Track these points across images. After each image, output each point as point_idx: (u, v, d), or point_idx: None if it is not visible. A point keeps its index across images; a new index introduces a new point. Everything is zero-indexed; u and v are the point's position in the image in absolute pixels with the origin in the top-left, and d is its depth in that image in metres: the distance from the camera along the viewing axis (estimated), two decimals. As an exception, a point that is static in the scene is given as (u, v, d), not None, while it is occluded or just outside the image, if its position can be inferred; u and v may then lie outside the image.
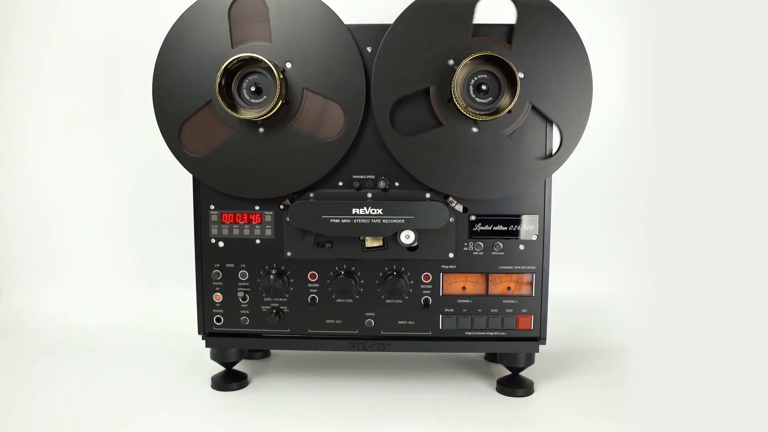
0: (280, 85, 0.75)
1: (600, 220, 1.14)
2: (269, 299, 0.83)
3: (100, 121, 1.17)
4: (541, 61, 0.76)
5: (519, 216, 0.81)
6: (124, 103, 1.16)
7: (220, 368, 0.89)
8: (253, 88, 0.77)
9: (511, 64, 0.73)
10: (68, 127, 1.18)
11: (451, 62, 0.76)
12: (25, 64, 1.18)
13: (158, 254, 1.18)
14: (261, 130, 0.78)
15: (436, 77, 0.77)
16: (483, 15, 0.77)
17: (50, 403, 0.83)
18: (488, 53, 0.74)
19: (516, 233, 0.81)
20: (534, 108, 0.77)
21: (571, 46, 0.76)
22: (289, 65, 0.77)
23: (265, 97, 0.77)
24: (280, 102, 0.76)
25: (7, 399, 0.85)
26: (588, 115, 0.77)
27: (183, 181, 0.97)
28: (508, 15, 0.77)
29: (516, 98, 0.74)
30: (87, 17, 1.15)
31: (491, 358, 0.98)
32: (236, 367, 0.90)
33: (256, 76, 0.77)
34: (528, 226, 0.81)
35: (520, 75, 0.75)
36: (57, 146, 1.18)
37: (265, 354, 1.00)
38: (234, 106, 0.77)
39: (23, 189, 1.20)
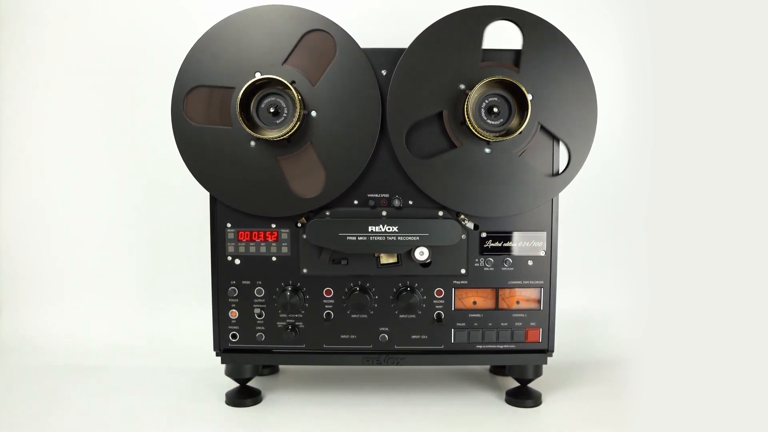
0: (300, 108, 0.77)
1: (600, 235, 1.18)
2: (285, 315, 0.85)
3: (107, 138, 1.17)
4: (548, 82, 0.80)
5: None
6: (132, 120, 1.17)
7: (233, 385, 0.90)
8: (271, 110, 0.79)
9: (521, 86, 0.77)
10: (74, 142, 1.18)
11: (462, 87, 0.80)
12: (30, 80, 1.17)
13: (166, 272, 1.18)
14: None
15: (449, 101, 0.80)
16: (491, 40, 0.81)
17: (63, 422, 0.84)
18: (500, 77, 0.77)
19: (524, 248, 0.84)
20: (543, 128, 0.81)
21: (575, 67, 0.80)
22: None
23: (284, 117, 0.79)
24: (298, 124, 0.78)
25: (14, 419, 0.85)
26: (594, 132, 0.81)
27: (192, 198, 0.99)
28: (515, 40, 0.81)
29: (527, 119, 0.77)
30: (95, 25, 1.16)
31: (497, 370, 1.01)
32: (249, 384, 0.91)
33: (275, 98, 0.79)
34: (527, 243, 0.84)
35: (530, 96, 0.79)
36: (62, 162, 1.18)
37: (273, 370, 1.02)
38: (252, 126, 0.79)
39: (27, 204, 1.19)
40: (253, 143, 0.80)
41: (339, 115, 0.80)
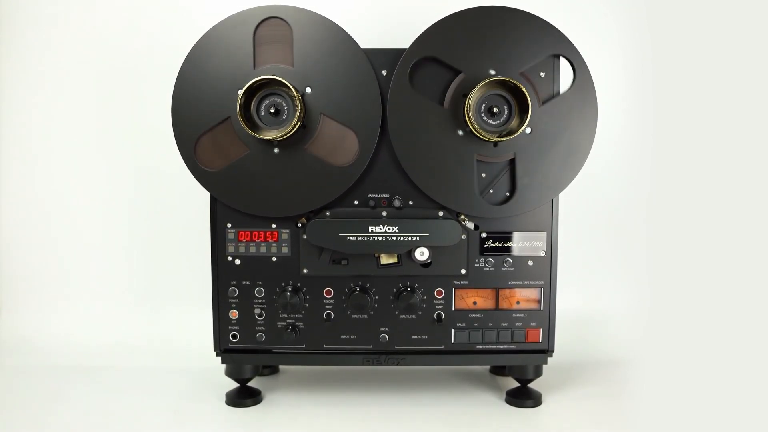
0: (300, 108, 0.77)
1: (600, 235, 1.18)
2: (285, 316, 0.85)
3: (107, 138, 1.17)
4: (552, 133, 0.80)
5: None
6: (133, 120, 1.17)
7: (233, 385, 0.90)
8: (272, 110, 0.79)
9: (521, 86, 0.77)
10: (74, 142, 1.18)
11: (492, 71, 0.79)
12: (30, 80, 1.17)
13: (166, 272, 1.18)
14: (276, 150, 0.80)
15: (471, 70, 0.80)
16: None
17: (63, 422, 0.84)
18: (501, 77, 0.77)
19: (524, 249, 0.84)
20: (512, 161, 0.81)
21: (586, 126, 0.81)
22: (309, 90, 0.80)
23: (283, 118, 0.79)
24: (298, 125, 0.78)
25: (14, 419, 0.85)
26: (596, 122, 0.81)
27: (192, 198, 0.99)
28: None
29: (528, 118, 0.77)
30: (95, 25, 1.16)
31: (497, 371, 1.01)
32: (249, 384, 0.91)
33: (275, 98, 0.79)
34: (528, 243, 0.84)
35: (527, 130, 0.79)
36: (63, 162, 1.18)
37: (273, 370, 1.02)
38: (253, 126, 0.79)
39: (27, 204, 1.19)
40: (276, 150, 0.80)
41: (339, 116, 0.80)
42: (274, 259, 0.84)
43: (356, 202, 0.83)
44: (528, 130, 0.80)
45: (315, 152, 0.81)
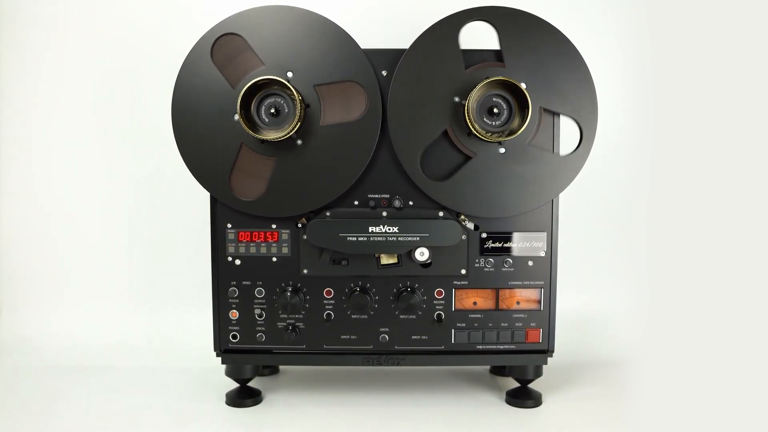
0: (300, 108, 0.77)
1: (600, 235, 1.18)
2: (285, 316, 0.85)
3: (107, 138, 1.17)
4: (536, 67, 0.80)
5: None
6: (133, 121, 1.16)
7: (233, 385, 0.90)
8: (272, 110, 0.79)
9: (515, 82, 0.77)
10: (74, 142, 1.18)
11: (457, 99, 0.80)
12: (30, 80, 1.17)
13: (166, 272, 1.18)
14: (299, 142, 0.80)
15: (450, 116, 0.80)
16: (467, 40, 0.81)
17: (63, 422, 0.84)
18: (497, 78, 0.77)
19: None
20: (546, 110, 0.81)
21: (557, 43, 0.80)
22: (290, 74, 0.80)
23: (284, 117, 0.79)
24: (299, 124, 0.78)
25: (14, 419, 0.85)
26: (595, 101, 0.81)
27: (192, 199, 0.99)
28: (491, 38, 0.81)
29: (529, 115, 0.77)
30: (95, 25, 1.16)
31: (497, 371, 1.01)
32: (249, 384, 0.91)
33: (275, 98, 0.79)
34: (528, 244, 0.84)
35: (523, 85, 0.78)
36: (63, 162, 1.18)
37: (273, 371, 1.02)
38: (253, 126, 0.79)
39: (27, 204, 1.19)
40: (236, 117, 0.79)
41: (339, 116, 0.80)
42: (275, 259, 0.84)
43: (356, 203, 0.83)
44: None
45: (333, 121, 0.80)
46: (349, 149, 0.80)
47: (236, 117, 0.79)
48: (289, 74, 0.80)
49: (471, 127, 0.78)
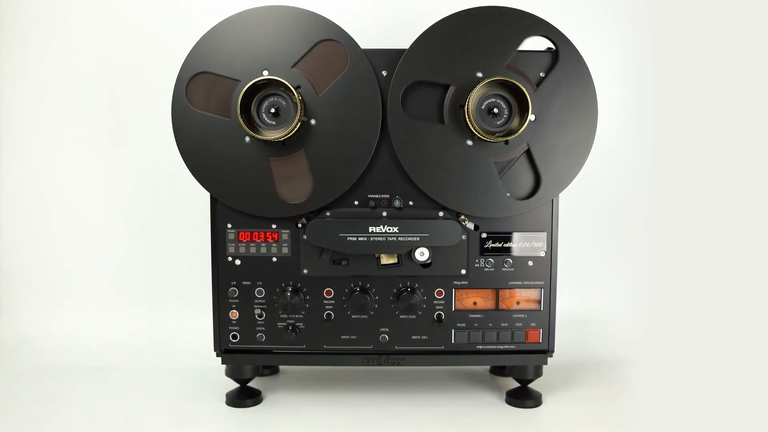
0: (300, 108, 0.77)
1: (600, 235, 1.18)
2: (285, 316, 0.85)
3: (107, 138, 1.17)
4: (556, 114, 0.80)
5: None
6: (133, 121, 1.17)
7: (233, 385, 0.90)
8: (272, 110, 0.79)
9: (522, 87, 0.77)
10: (74, 142, 1.18)
11: (479, 75, 0.79)
12: (30, 80, 1.17)
13: (166, 272, 1.18)
14: (313, 122, 0.80)
15: (460, 80, 0.80)
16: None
17: (63, 422, 0.84)
18: (500, 78, 0.77)
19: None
20: (527, 152, 0.81)
21: (587, 106, 0.80)
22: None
23: (284, 118, 0.79)
24: (299, 124, 0.78)
25: (15, 420, 0.85)
26: (573, 177, 0.82)
27: (192, 198, 0.99)
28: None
29: (527, 120, 0.77)
30: (95, 25, 1.16)
31: (497, 371, 1.01)
32: (249, 384, 0.91)
33: (276, 99, 0.79)
34: (528, 244, 0.84)
35: (532, 117, 0.79)
36: (63, 161, 1.18)
37: (273, 371, 1.02)
38: (252, 125, 0.79)
39: (27, 204, 1.19)
40: (248, 139, 0.80)
41: (339, 116, 0.80)
42: (275, 259, 0.84)
43: (356, 203, 0.83)
44: (533, 117, 0.80)
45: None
46: (349, 149, 0.81)
47: (247, 139, 0.80)
48: (265, 72, 0.80)
49: (471, 127, 0.78)
